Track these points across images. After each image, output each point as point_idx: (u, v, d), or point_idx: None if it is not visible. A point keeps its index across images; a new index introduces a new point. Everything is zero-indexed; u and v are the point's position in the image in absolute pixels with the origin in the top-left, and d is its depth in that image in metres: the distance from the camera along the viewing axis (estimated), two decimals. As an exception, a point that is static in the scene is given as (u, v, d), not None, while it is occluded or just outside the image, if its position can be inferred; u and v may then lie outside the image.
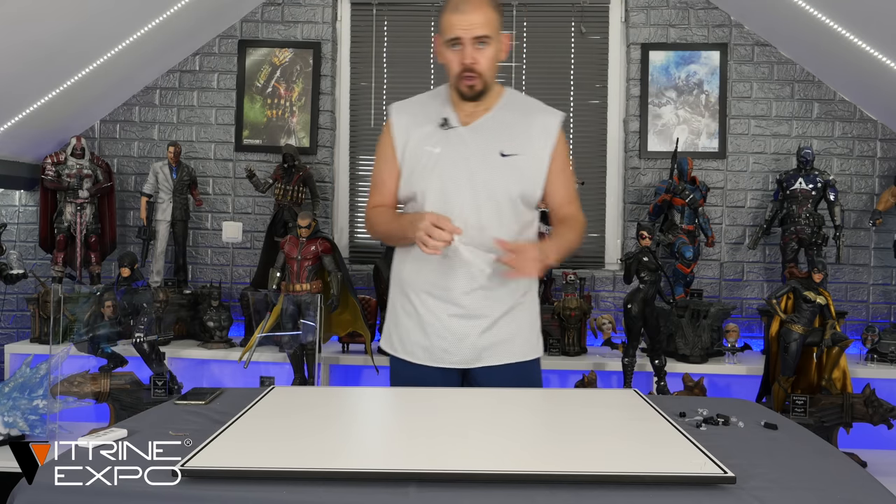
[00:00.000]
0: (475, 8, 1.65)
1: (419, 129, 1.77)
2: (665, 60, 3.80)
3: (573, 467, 1.06)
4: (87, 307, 2.95)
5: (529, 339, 1.83)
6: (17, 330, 3.92)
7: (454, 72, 1.70)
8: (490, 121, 1.77)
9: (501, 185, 1.72)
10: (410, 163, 1.77)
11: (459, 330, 1.75)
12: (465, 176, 1.72)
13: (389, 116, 1.82)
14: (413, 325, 1.79)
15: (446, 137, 1.75)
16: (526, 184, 1.75)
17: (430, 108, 1.80)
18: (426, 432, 1.26)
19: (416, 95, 1.88)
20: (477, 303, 1.74)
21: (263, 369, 3.24)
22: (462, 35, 1.65)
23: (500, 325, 1.76)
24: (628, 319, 3.03)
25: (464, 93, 1.72)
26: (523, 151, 1.74)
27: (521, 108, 1.81)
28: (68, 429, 2.74)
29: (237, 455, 1.12)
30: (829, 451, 1.22)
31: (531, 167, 1.75)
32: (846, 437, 2.85)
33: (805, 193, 3.46)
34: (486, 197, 1.72)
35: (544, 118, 1.79)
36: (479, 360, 1.76)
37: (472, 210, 1.72)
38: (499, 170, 1.72)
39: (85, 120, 3.92)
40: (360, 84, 3.99)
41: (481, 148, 1.74)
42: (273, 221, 3.65)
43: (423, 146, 1.75)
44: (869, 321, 3.61)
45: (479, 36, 1.65)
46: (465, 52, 1.67)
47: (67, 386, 2.76)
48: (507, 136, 1.75)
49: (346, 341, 3.38)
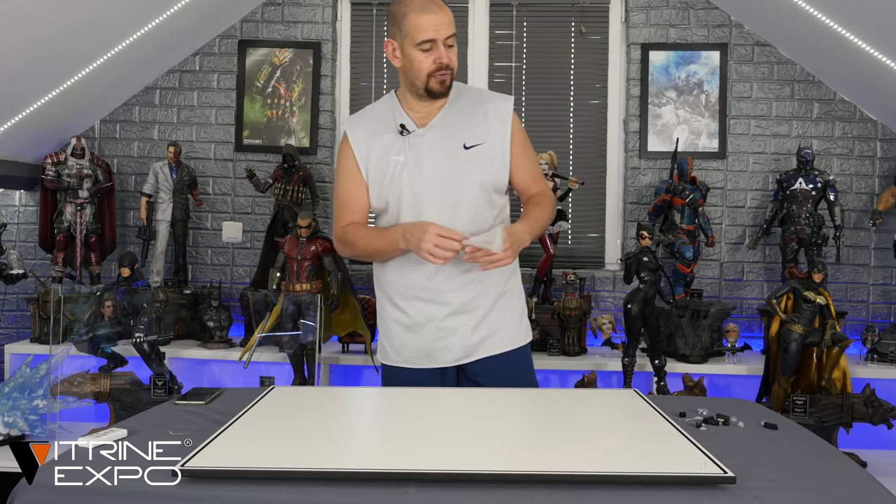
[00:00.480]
0: (442, 8, 1.69)
1: (378, 140, 1.78)
2: (665, 60, 3.80)
3: (573, 467, 1.06)
4: (87, 307, 2.95)
5: (520, 324, 1.86)
6: (17, 330, 3.92)
7: (426, 71, 1.70)
8: (445, 117, 1.78)
9: (471, 178, 1.74)
10: (376, 174, 1.77)
11: (454, 327, 1.75)
12: (434, 176, 1.74)
13: (346, 132, 1.82)
14: (407, 333, 1.79)
15: (408, 143, 1.76)
16: (493, 172, 1.76)
17: (383, 117, 1.81)
18: (426, 432, 1.26)
19: (366, 107, 1.90)
20: (466, 298, 1.75)
21: (263, 369, 3.24)
22: (436, 36, 1.67)
23: (492, 316, 1.78)
24: (628, 319, 3.03)
25: (435, 90, 1.72)
26: (484, 139, 1.76)
27: (472, 99, 1.82)
28: (68, 429, 2.74)
29: (237, 455, 1.12)
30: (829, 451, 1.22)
31: (495, 154, 1.76)
32: (846, 437, 2.85)
33: (805, 193, 3.46)
34: (457, 193, 1.74)
35: (496, 104, 1.80)
36: (475, 353, 1.77)
37: (446, 208, 1.73)
38: (465, 163, 1.74)
39: (85, 120, 3.92)
40: (360, 84, 3.99)
41: (444, 145, 1.75)
42: (273, 221, 3.65)
43: (387, 156, 1.76)
44: (869, 321, 3.61)
45: (450, 35, 1.69)
46: (440, 52, 1.69)
47: (67, 386, 2.76)
48: (465, 128, 1.76)
49: (346, 341, 3.38)
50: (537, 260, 3.55)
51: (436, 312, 1.75)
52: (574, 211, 3.83)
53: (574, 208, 3.83)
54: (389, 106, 1.83)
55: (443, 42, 1.68)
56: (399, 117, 1.79)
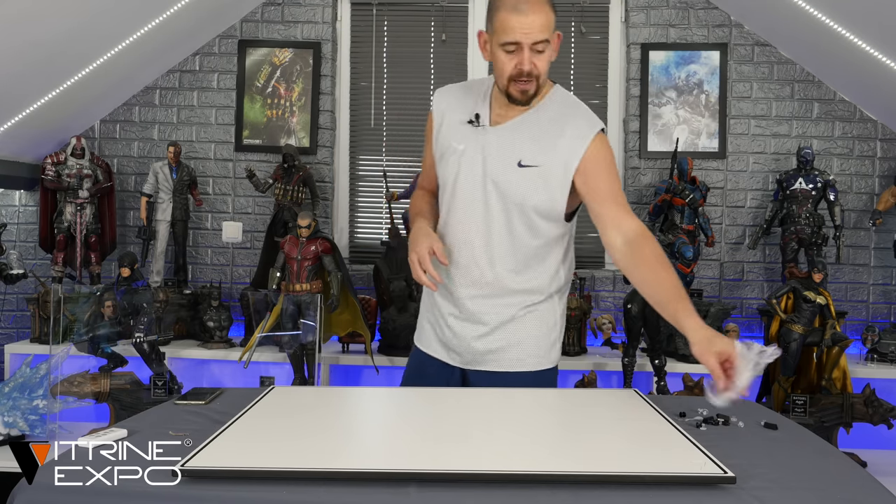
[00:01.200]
0: (536, 9, 1.52)
1: (451, 118, 1.72)
2: (665, 60, 3.80)
3: (573, 467, 1.06)
4: (87, 307, 2.95)
5: (538, 348, 1.73)
6: (17, 330, 3.92)
7: (507, 74, 1.58)
8: (520, 124, 1.66)
9: (514, 194, 1.64)
10: (439, 149, 1.75)
11: (458, 331, 1.74)
12: (480, 178, 1.67)
13: (433, 100, 1.79)
14: (430, 317, 1.81)
15: (473, 135, 1.68)
16: (541, 195, 1.63)
17: (468, 99, 1.72)
18: (426, 432, 1.26)
19: (462, 82, 1.83)
20: (476, 308, 1.71)
21: (263, 369, 3.24)
22: (522, 40, 1.53)
23: (501, 333, 1.71)
24: (628, 319, 3.03)
25: (515, 98, 1.61)
26: (545, 163, 1.63)
27: (559, 113, 1.68)
28: (68, 429, 2.74)
29: (237, 455, 1.12)
30: (829, 451, 1.22)
31: (550, 179, 1.63)
32: (846, 437, 2.85)
33: (805, 193, 3.46)
34: (497, 203, 1.66)
35: (577, 128, 1.65)
36: (477, 364, 1.74)
37: (482, 213, 1.68)
38: (513, 179, 1.64)
39: (85, 120, 3.92)
40: (360, 84, 3.99)
41: (501, 153, 1.65)
42: (273, 221, 3.65)
43: (450, 140, 1.71)
44: (869, 321, 3.61)
45: (539, 41, 1.54)
46: (523, 57, 1.55)
47: (67, 386, 2.76)
48: (531, 144, 1.64)
49: (346, 341, 3.38)
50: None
51: (447, 311, 1.76)
52: (574, 211, 3.83)
53: (574, 208, 3.83)
54: (480, 89, 1.74)
55: (529, 47, 1.54)
56: (481, 105, 1.70)
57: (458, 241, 1.71)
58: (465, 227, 1.69)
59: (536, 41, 1.53)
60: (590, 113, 1.71)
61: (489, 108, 1.70)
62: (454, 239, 1.71)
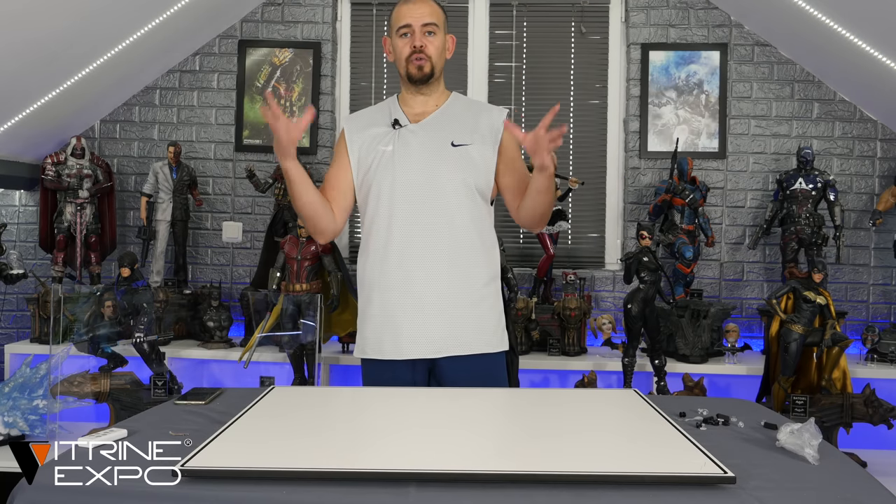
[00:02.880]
0: (423, 2, 1.82)
1: (370, 131, 1.87)
2: (665, 60, 3.80)
3: (573, 467, 1.06)
4: (87, 307, 2.95)
5: (495, 330, 1.84)
6: (17, 330, 3.92)
7: (404, 55, 1.82)
8: (438, 117, 1.85)
9: (455, 175, 1.79)
10: (364, 163, 1.84)
11: (422, 322, 1.76)
12: (418, 169, 1.79)
13: (343, 127, 1.92)
14: (379, 323, 1.81)
15: (398, 136, 1.83)
16: (478, 174, 1.81)
17: (380, 114, 1.90)
18: (426, 432, 1.26)
19: (366, 108, 2.00)
20: (437, 296, 1.77)
21: (263, 369, 3.24)
22: (412, 21, 1.80)
23: (465, 316, 1.78)
24: (628, 319, 3.03)
25: (413, 75, 1.82)
26: (473, 142, 1.81)
27: (468, 106, 1.91)
28: (68, 429, 2.74)
29: (237, 455, 1.12)
30: (829, 451, 1.22)
31: (481, 157, 1.81)
32: (846, 437, 2.85)
33: (805, 193, 3.46)
34: (439, 188, 1.78)
35: (490, 113, 1.88)
36: (443, 350, 1.77)
37: (427, 203, 1.77)
38: (451, 160, 1.79)
39: (85, 120, 3.92)
40: (360, 84, 3.99)
41: (433, 141, 1.82)
42: (273, 221, 3.65)
43: (376, 146, 1.83)
44: (869, 321, 3.61)
45: (428, 23, 1.81)
46: (415, 37, 1.80)
47: (67, 386, 2.76)
48: (456, 128, 1.83)
49: (346, 341, 3.38)
50: (537, 260, 3.55)
51: (404, 302, 1.77)
52: (574, 211, 3.83)
53: (574, 208, 3.83)
54: (388, 105, 1.92)
55: (419, 28, 1.80)
56: (395, 113, 1.87)
57: (411, 231, 1.77)
58: (416, 215, 1.77)
59: (425, 23, 1.81)
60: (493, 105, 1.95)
61: (402, 113, 1.87)
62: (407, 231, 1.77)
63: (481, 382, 1.76)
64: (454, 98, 1.92)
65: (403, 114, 1.87)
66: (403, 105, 1.89)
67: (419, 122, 1.85)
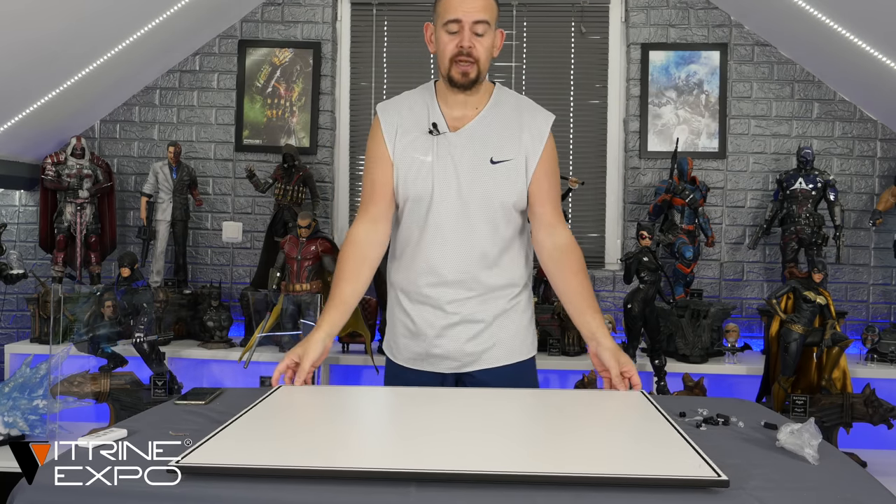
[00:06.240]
0: None
1: (407, 135, 1.72)
2: (665, 60, 3.80)
3: (574, 469, 1.06)
4: (87, 307, 2.95)
5: (525, 339, 1.80)
6: (17, 330, 3.92)
7: (449, 55, 1.65)
8: (479, 125, 1.72)
9: (493, 194, 1.69)
10: (400, 169, 1.72)
11: (452, 337, 1.73)
12: (455, 185, 1.68)
13: (377, 117, 1.77)
14: (409, 334, 1.78)
15: (436, 145, 1.70)
16: (517, 191, 1.70)
17: (416, 110, 1.75)
18: (427, 432, 1.26)
19: (402, 94, 1.81)
20: (467, 310, 1.72)
21: (263, 369, 3.24)
22: (462, 17, 1.62)
23: (493, 329, 1.74)
24: (628, 319, 3.03)
25: (456, 80, 1.66)
26: (513, 156, 1.70)
27: (512, 109, 1.75)
28: (68, 429, 2.74)
29: (237, 453, 1.12)
30: (829, 451, 1.22)
31: (521, 172, 1.71)
32: (846, 437, 2.85)
33: (805, 193, 3.46)
34: (476, 206, 1.69)
35: (535, 120, 1.74)
36: (474, 364, 1.75)
37: (462, 219, 1.69)
38: (490, 178, 1.68)
39: (85, 120, 3.92)
40: (360, 84, 3.99)
41: (471, 156, 1.69)
42: (273, 221, 3.65)
43: (413, 154, 1.71)
44: (869, 321, 3.61)
45: (479, 20, 1.63)
46: (463, 35, 1.63)
47: (67, 386, 2.76)
48: (496, 141, 1.70)
49: (347, 341, 3.38)
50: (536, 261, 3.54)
51: (436, 320, 1.73)
52: (574, 211, 3.83)
53: (574, 208, 3.83)
54: (425, 98, 1.76)
55: (469, 26, 1.62)
56: (433, 114, 1.73)
57: (445, 247, 1.70)
58: (450, 232, 1.70)
59: (477, 20, 1.62)
60: (539, 106, 1.79)
61: (441, 115, 1.73)
62: (441, 247, 1.71)
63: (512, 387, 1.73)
64: (496, 98, 1.75)
65: (442, 116, 1.72)
66: (442, 103, 1.74)
67: (458, 129, 1.71)
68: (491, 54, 1.70)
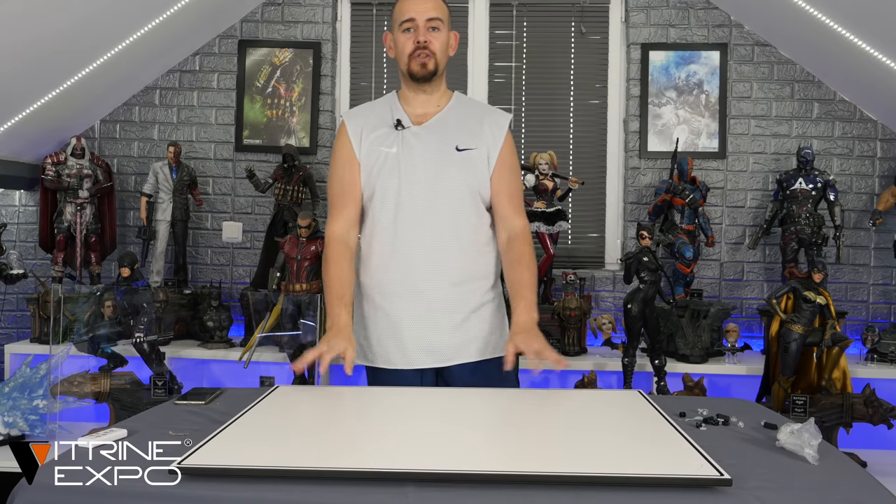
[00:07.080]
0: None
1: (372, 132, 1.80)
2: (665, 60, 3.80)
3: (573, 468, 1.06)
4: (87, 307, 2.95)
5: (501, 335, 1.83)
6: (17, 330, 3.92)
7: (407, 52, 1.76)
8: (442, 119, 1.81)
9: (460, 180, 1.75)
10: (367, 164, 1.79)
11: (429, 330, 1.74)
12: (422, 173, 1.75)
13: (343, 122, 1.84)
14: (384, 330, 1.78)
15: (401, 137, 1.78)
16: (481, 178, 1.77)
17: (381, 112, 1.84)
18: (426, 432, 1.26)
19: (365, 103, 1.93)
20: (445, 303, 1.74)
21: (263, 369, 3.24)
22: (416, 16, 1.74)
23: (472, 322, 1.77)
24: (628, 319, 3.03)
25: (415, 72, 1.76)
26: (477, 146, 1.78)
27: (471, 108, 1.87)
28: (68, 429, 2.74)
29: (237, 453, 1.12)
30: (829, 451, 1.22)
31: (484, 162, 1.78)
32: (846, 437, 2.85)
33: (805, 193, 3.46)
34: (443, 193, 1.74)
35: (494, 116, 1.84)
36: (454, 358, 1.76)
37: (433, 207, 1.74)
38: (456, 164, 1.76)
39: (85, 120, 3.92)
40: (360, 84, 3.99)
41: (436, 145, 1.77)
42: (273, 221, 3.65)
43: (379, 147, 1.78)
44: (869, 321, 3.61)
45: (432, 18, 1.74)
46: (418, 32, 1.74)
47: (67, 386, 2.76)
48: (460, 131, 1.78)
49: (346, 341, 3.37)
50: (537, 260, 3.54)
51: (415, 309, 1.74)
52: (574, 211, 3.83)
53: (574, 208, 3.83)
54: (389, 103, 1.86)
55: (423, 23, 1.74)
56: (397, 113, 1.82)
57: (416, 236, 1.74)
58: (421, 219, 1.73)
59: (430, 17, 1.74)
60: (497, 108, 1.91)
61: (405, 114, 1.81)
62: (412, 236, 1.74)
63: (491, 386, 1.73)
64: (456, 99, 1.86)
65: (405, 114, 1.81)
66: (404, 104, 1.83)
67: (422, 123, 1.80)
68: (447, 51, 1.81)
